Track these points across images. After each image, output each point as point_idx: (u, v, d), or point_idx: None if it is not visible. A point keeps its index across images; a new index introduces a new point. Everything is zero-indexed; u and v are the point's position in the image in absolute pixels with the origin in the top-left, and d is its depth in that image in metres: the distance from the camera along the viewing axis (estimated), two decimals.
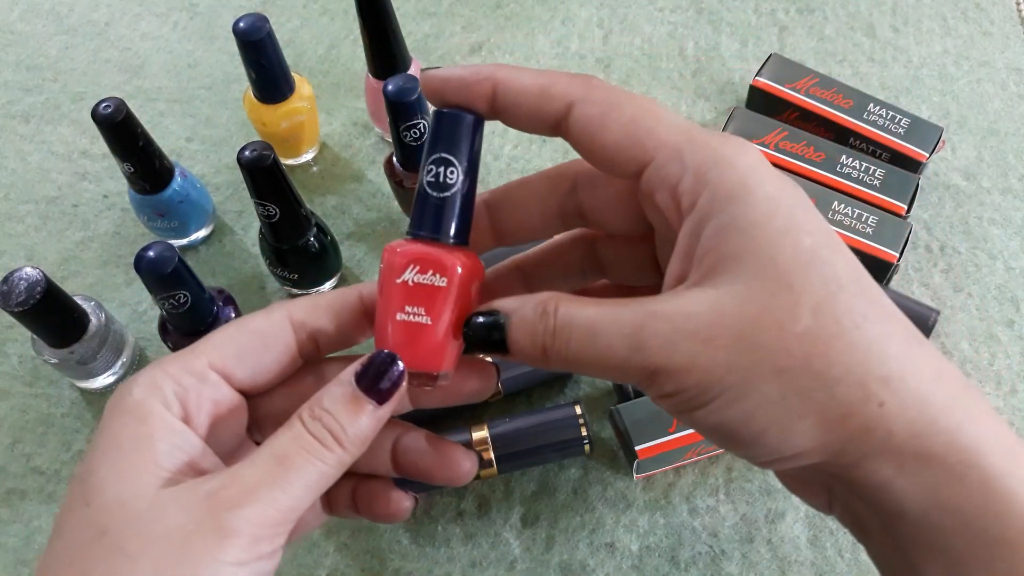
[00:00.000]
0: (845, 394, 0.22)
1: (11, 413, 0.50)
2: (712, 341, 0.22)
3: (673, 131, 0.25)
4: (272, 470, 0.25)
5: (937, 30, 0.64)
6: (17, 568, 0.46)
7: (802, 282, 0.22)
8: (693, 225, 0.24)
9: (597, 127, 0.25)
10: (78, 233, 0.57)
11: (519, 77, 0.26)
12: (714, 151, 0.24)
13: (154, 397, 0.26)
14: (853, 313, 0.22)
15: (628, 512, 0.45)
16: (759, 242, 0.23)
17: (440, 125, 0.27)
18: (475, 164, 0.27)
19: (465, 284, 0.26)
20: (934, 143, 0.54)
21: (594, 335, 0.24)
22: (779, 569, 0.44)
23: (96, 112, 0.46)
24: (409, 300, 0.26)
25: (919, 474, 0.22)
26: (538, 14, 0.67)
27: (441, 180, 0.26)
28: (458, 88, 0.26)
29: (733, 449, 0.25)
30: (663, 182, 0.25)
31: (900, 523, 0.23)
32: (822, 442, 0.22)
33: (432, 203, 0.26)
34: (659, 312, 0.23)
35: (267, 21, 0.49)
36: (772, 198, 0.23)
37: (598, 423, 0.48)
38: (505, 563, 0.44)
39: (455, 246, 0.27)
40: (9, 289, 0.43)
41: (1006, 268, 0.53)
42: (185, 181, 0.53)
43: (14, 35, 0.68)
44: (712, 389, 0.23)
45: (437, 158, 0.26)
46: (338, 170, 0.60)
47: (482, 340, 0.26)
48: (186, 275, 0.44)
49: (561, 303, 0.25)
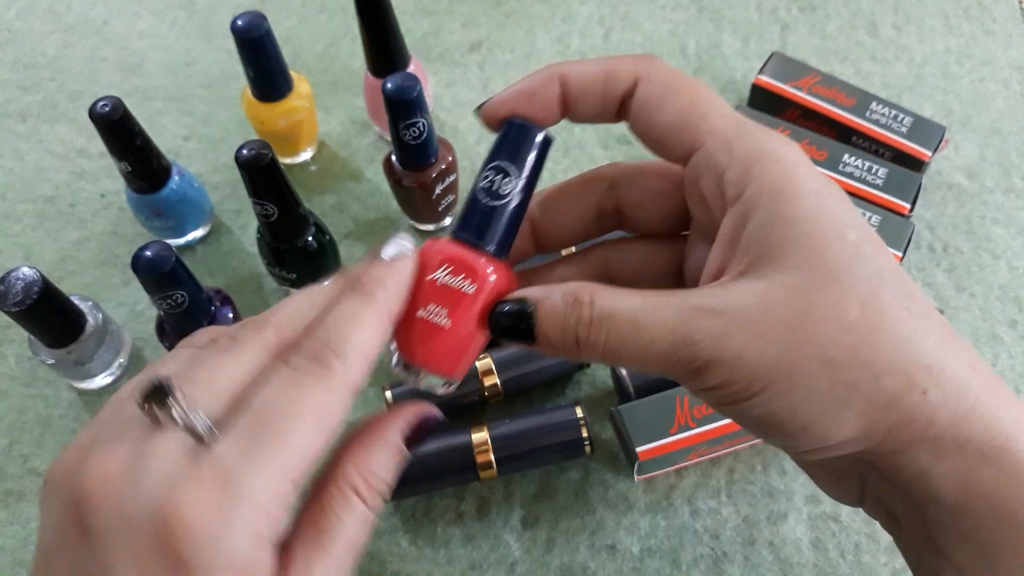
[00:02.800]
0: (890, 383, 0.23)
1: (8, 414, 0.50)
2: (762, 335, 0.23)
3: (725, 120, 0.25)
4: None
5: (939, 28, 0.64)
6: (14, 569, 0.45)
7: (849, 276, 0.23)
8: (738, 216, 0.24)
9: (655, 107, 0.26)
10: (75, 232, 0.57)
11: (582, 67, 0.26)
12: (761, 144, 0.25)
13: (262, 551, 0.22)
14: (897, 307, 0.23)
15: (629, 514, 0.45)
16: (807, 236, 0.23)
17: (508, 134, 0.26)
18: (533, 181, 0.27)
19: (493, 296, 0.26)
20: (937, 142, 0.54)
21: (637, 328, 0.24)
22: (781, 571, 0.43)
23: (93, 111, 0.46)
24: (434, 299, 0.26)
25: (956, 459, 0.23)
26: (538, 11, 0.67)
27: (495, 189, 0.26)
28: (528, 99, 0.26)
29: (774, 439, 0.25)
30: (710, 169, 0.25)
31: (934, 510, 0.24)
32: (866, 431, 0.23)
33: (481, 209, 0.26)
34: (706, 306, 0.23)
35: (265, 19, 0.49)
36: (817, 193, 0.24)
37: (599, 424, 0.48)
38: (505, 565, 0.44)
39: (494, 257, 0.26)
40: (6, 289, 0.42)
41: (1009, 268, 0.53)
42: (183, 180, 0.53)
43: (11, 33, 0.67)
44: (759, 382, 0.23)
45: (496, 166, 0.26)
46: (336, 169, 0.59)
47: (508, 329, 0.26)
48: (183, 275, 0.43)
49: (597, 293, 0.25)
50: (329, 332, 0.24)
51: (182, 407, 0.22)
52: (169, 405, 0.22)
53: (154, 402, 0.22)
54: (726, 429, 0.43)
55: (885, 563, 0.43)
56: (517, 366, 0.47)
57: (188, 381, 0.23)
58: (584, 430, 0.44)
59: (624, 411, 0.44)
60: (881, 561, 0.43)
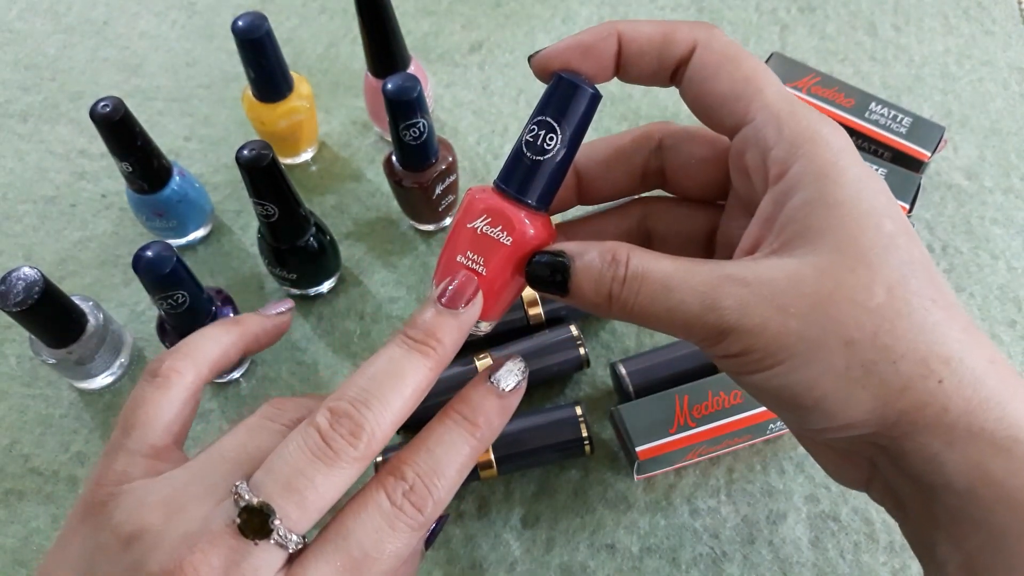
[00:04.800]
0: (907, 369, 0.23)
1: (9, 414, 0.50)
2: (786, 308, 0.23)
3: (779, 98, 0.26)
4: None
5: (939, 29, 0.64)
6: (15, 568, 0.45)
7: (880, 262, 0.23)
8: (779, 194, 0.25)
9: (711, 75, 0.26)
10: (76, 233, 0.57)
11: (640, 26, 0.26)
12: (812, 126, 0.25)
13: None
14: (923, 296, 0.23)
15: (629, 513, 0.45)
16: (844, 220, 0.24)
17: (556, 89, 0.26)
18: (578, 137, 0.27)
19: (529, 248, 0.27)
20: (936, 142, 0.54)
21: (668, 289, 0.24)
22: (780, 570, 0.43)
23: (94, 111, 0.46)
24: (472, 247, 0.27)
25: (968, 448, 0.23)
26: (538, 12, 0.67)
27: (539, 143, 0.26)
28: (583, 53, 0.26)
29: (788, 413, 0.26)
30: (758, 144, 0.25)
31: (944, 497, 0.24)
32: (878, 413, 0.23)
33: (524, 163, 0.27)
34: (736, 275, 0.24)
35: (266, 20, 0.49)
36: (860, 180, 0.24)
37: (599, 424, 0.48)
38: (505, 564, 0.44)
39: (534, 210, 0.27)
40: (7, 289, 0.42)
41: (1008, 268, 0.53)
42: (183, 180, 0.53)
43: (12, 34, 0.68)
44: (779, 354, 0.23)
45: (541, 120, 0.26)
46: (337, 169, 0.59)
47: (544, 280, 0.27)
48: (184, 275, 0.43)
49: (633, 253, 0.25)
50: (434, 470, 0.26)
51: (281, 535, 0.24)
52: (270, 530, 0.23)
53: (255, 526, 0.23)
54: (725, 429, 0.43)
55: (884, 563, 0.43)
56: None
57: (285, 497, 0.24)
58: (584, 430, 0.44)
59: (624, 411, 0.44)
60: (880, 561, 0.43)
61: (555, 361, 0.47)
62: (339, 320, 0.53)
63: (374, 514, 0.25)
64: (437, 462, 0.26)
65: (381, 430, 0.25)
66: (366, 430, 0.25)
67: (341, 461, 0.25)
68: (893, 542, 0.44)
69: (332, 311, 0.53)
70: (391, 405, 0.25)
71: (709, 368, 0.46)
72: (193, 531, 0.24)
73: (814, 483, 0.46)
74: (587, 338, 0.51)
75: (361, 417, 0.25)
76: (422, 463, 0.26)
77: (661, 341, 0.51)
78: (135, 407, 0.29)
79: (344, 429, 0.25)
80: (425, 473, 0.26)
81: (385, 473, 0.26)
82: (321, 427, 0.25)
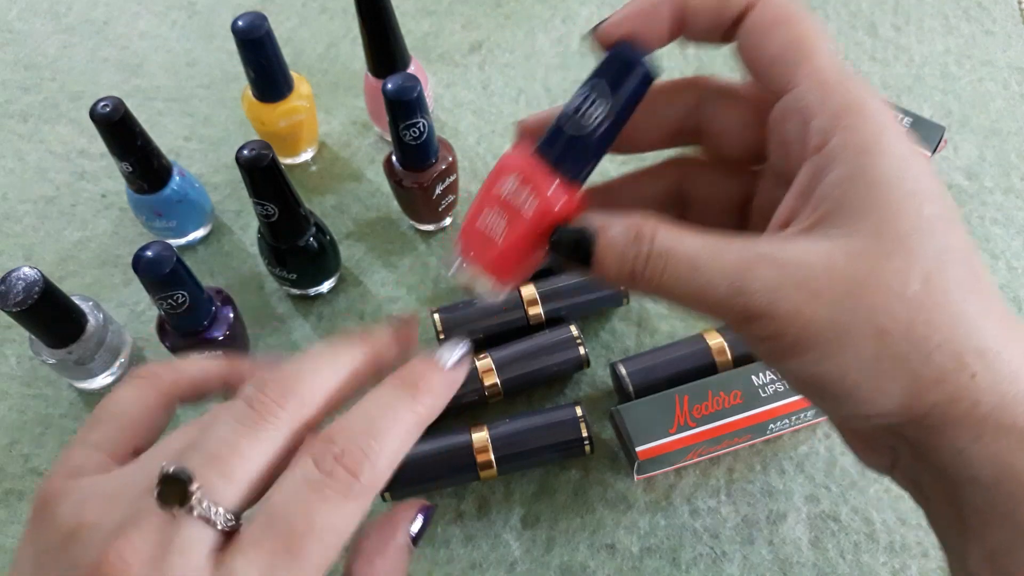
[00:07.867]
0: (941, 362, 0.22)
1: (9, 413, 0.50)
2: (819, 294, 0.22)
3: (827, 66, 0.24)
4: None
5: (939, 29, 0.64)
6: None
7: (918, 249, 0.22)
8: (817, 166, 0.24)
9: (763, 35, 0.25)
10: (76, 233, 0.57)
11: None
12: (858, 98, 0.24)
13: None
14: (961, 287, 0.23)
15: (629, 513, 0.45)
16: (884, 200, 0.23)
17: (610, 61, 0.26)
18: (625, 114, 0.26)
19: (553, 221, 0.26)
20: (936, 142, 0.54)
21: (695, 269, 0.23)
22: (780, 570, 0.43)
23: (94, 111, 0.46)
24: (499, 208, 0.26)
25: (996, 442, 0.23)
26: (538, 12, 0.67)
27: (581, 113, 0.26)
28: (645, 17, 0.26)
29: (817, 401, 0.25)
30: (800, 112, 0.24)
31: (969, 490, 0.23)
32: (908, 405, 0.23)
33: (565, 133, 0.26)
34: (767, 256, 0.23)
35: (266, 20, 0.49)
36: (904, 158, 0.23)
37: (599, 424, 0.48)
38: (505, 564, 0.44)
39: (568, 181, 0.26)
40: (7, 289, 0.42)
41: (1008, 268, 0.53)
42: (183, 180, 0.53)
43: (12, 34, 0.68)
44: (809, 341, 0.23)
45: (590, 95, 0.26)
46: (337, 169, 0.59)
47: (567, 252, 0.26)
48: (184, 275, 0.43)
49: (659, 229, 0.24)
50: (368, 431, 0.24)
51: (202, 506, 0.22)
52: (189, 500, 0.22)
53: (172, 493, 0.22)
54: (725, 429, 0.43)
55: (884, 563, 0.43)
56: (517, 366, 0.47)
57: (207, 465, 0.23)
58: (584, 429, 0.44)
59: (624, 411, 0.44)
60: (880, 561, 0.43)
61: (555, 361, 0.47)
62: (339, 320, 0.53)
63: (300, 484, 0.23)
64: (372, 422, 0.24)
65: (312, 394, 0.24)
66: (297, 392, 0.24)
67: (268, 425, 0.23)
68: (893, 542, 0.44)
69: (332, 311, 0.53)
70: (321, 372, 0.25)
71: (709, 368, 0.46)
72: (123, 519, 0.22)
73: (814, 483, 0.46)
74: (587, 338, 0.51)
75: (291, 380, 0.24)
76: (355, 425, 0.24)
77: (661, 341, 0.51)
78: (106, 403, 0.28)
79: (273, 392, 0.24)
80: (359, 435, 0.24)
81: (315, 439, 0.24)
82: (247, 393, 0.24)
